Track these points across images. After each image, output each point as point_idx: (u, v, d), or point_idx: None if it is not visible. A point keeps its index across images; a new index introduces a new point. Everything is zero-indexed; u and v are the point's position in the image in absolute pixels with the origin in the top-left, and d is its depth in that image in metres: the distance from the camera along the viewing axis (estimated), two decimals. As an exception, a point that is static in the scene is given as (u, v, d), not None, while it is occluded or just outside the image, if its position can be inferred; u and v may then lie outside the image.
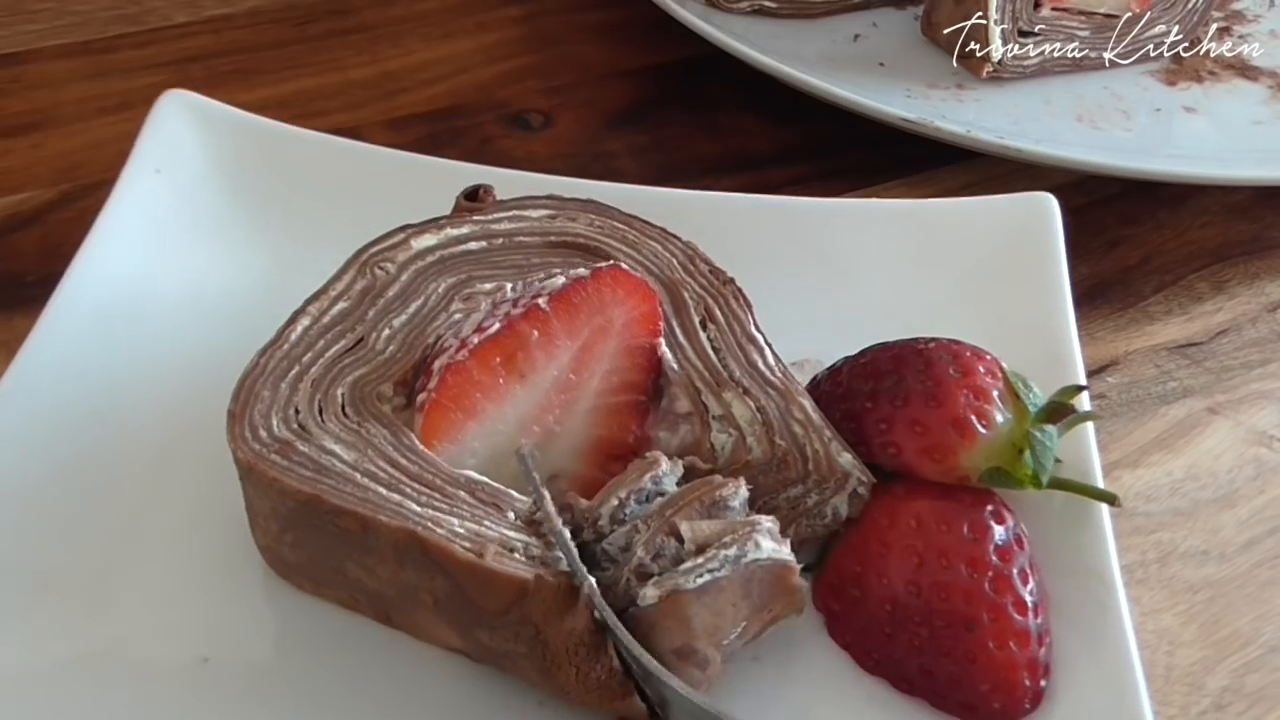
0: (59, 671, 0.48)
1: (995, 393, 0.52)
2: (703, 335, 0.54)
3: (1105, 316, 0.73)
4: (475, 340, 0.49)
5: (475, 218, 0.56)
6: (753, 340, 0.54)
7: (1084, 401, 0.55)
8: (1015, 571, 0.49)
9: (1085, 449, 0.55)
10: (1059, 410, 0.52)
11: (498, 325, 0.50)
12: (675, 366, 0.53)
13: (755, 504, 0.50)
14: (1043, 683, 0.49)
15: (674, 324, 0.54)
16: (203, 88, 0.85)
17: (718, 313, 0.54)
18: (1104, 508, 0.53)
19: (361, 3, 0.94)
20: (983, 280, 0.60)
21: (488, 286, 0.53)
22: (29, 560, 0.51)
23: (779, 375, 0.53)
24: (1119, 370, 0.70)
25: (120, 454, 0.55)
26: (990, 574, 0.48)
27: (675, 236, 0.57)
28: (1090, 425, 0.55)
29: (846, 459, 0.51)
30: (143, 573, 0.51)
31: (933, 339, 0.54)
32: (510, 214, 0.56)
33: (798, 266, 0.61)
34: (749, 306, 0.55)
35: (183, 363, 0.58)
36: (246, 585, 0.52)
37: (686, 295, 0.54)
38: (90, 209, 0.64)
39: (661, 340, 0.52)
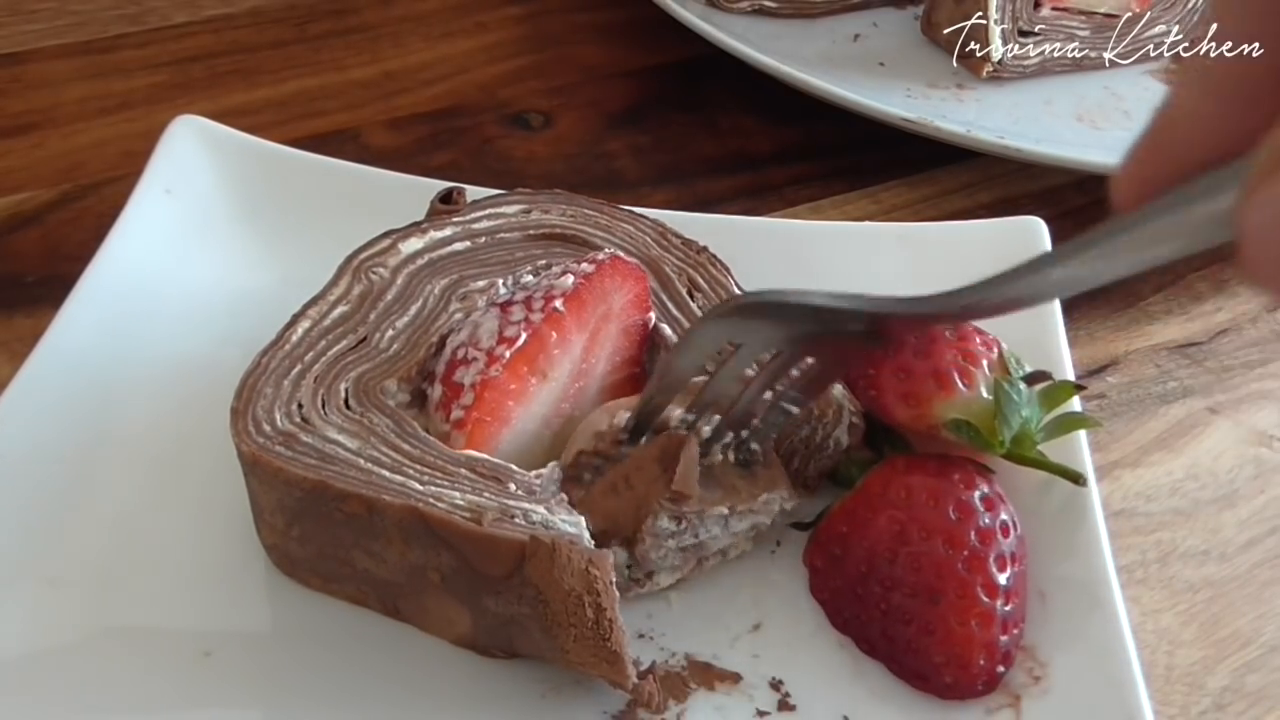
0: (63, 664, 0.49)
1: (985, 361, 0.54)
2: (692, 304, 0.57)
3: (1105, 316, 0.74)
4: (505, 354, 0.51)
5: (454, 219, 0.58)
6: None
7: (1076, 405, 0.57)
8: (992, 556, 0.49)
9: (1077, 448, 0.56)
10: (1037, 376, 0.54)
11: (524, 337, 0.51)
12: (674, 338, 0.55)
13: (778, 448, 0.54)
14: (1000, 669, 0.49)
15: (663, 298, 0.57)
16: (203, 88, 0.85)
17: (700, 280, 0.58)
18: (1098, 509, 0.54)
19: (362, 2, 0.94)
20: None
21: (480, 284, 0.55)
22: (37, 555, 0.52)
23: None
24: (1119, 370, 0.70)
25: (126, 455, 0.56)
26: (965, 553, 0.49)
27: (643, 216, 0.60)
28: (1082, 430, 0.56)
29: (838, 390, 0.55)
30: (146, 569, 0.52)
31: None
32: (486, 212, 0.59)
33: (796, 286, 0.61)
34: (727, 270, 0.58)
35: (188, 367, 0.59)
36: (247, 581, 0.52)
37: (668, 269, 0.58)
38: (90, 209, 0.64)
39: (653, 315, 0.55)
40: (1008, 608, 0.49)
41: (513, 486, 0.48)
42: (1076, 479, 0.54)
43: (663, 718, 0.49)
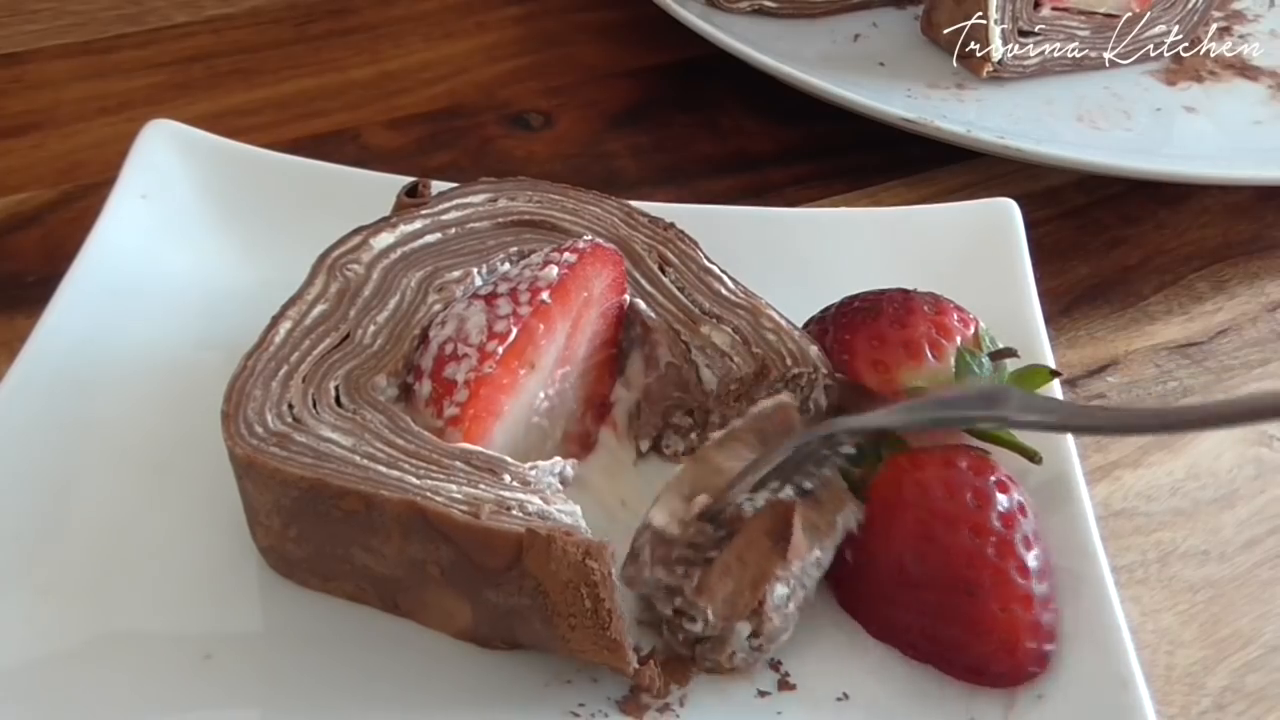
0: (62, 671, 0.49)
1: (959, 337, 0.55)
2: (665, 280, 0.58)
3: (1105, 316, 0.73)
4: (498, 350, 0.51)
5: (422, 212, 0.58)
6: (709, 272, 0.59)
7: (1055, 389, 0.57)
8: (1018, 538, 0.49)
9: (1063, 441, 0.56)
10: (1003, 353, 0.56)
11: (515, 332, 0.51)
12: (652, 315, 0.57)
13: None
14: (1047, 646, 0.49)
15: (637, 276, 0.58)
16: (203, 88, 0.85)
17: (671, 256, 0.59)
18: (1088, 507, 0.54)
19: (362, 3, 0.94)
20: (952, 282, 0.61)
21: (456, 274, 0.56)
22: (29, 565, 0.51)
23: (742, 296, 0.58)
24: (1119, 370, 0.70)
25: (113, 464, 0.56)
26: (993, 539, 0.49)
27: (607, 197, 0.61)
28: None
29: (814, 351, 0.56)
30: (140, 576, 0.52)
31: (926, 291, 0.58)
32: (454, 203, 0.59)
33: (771, 273, 0.62)
34: (695, 244, 0.59)
35: (172, 373, 0.59)
36: (244, 583, 0.52)
37: (638, 248, 0.59)
38: (91, 209, 0.64)
39: (627, 297, 0.56)
40: (1042, 586, 0.49)
41: (508, 478, 0.49)
42: (1032, 456, 0.54)
43: (665, 701, 0.49)
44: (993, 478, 0.51)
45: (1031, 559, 0.49)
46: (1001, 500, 0.50)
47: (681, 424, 0.57)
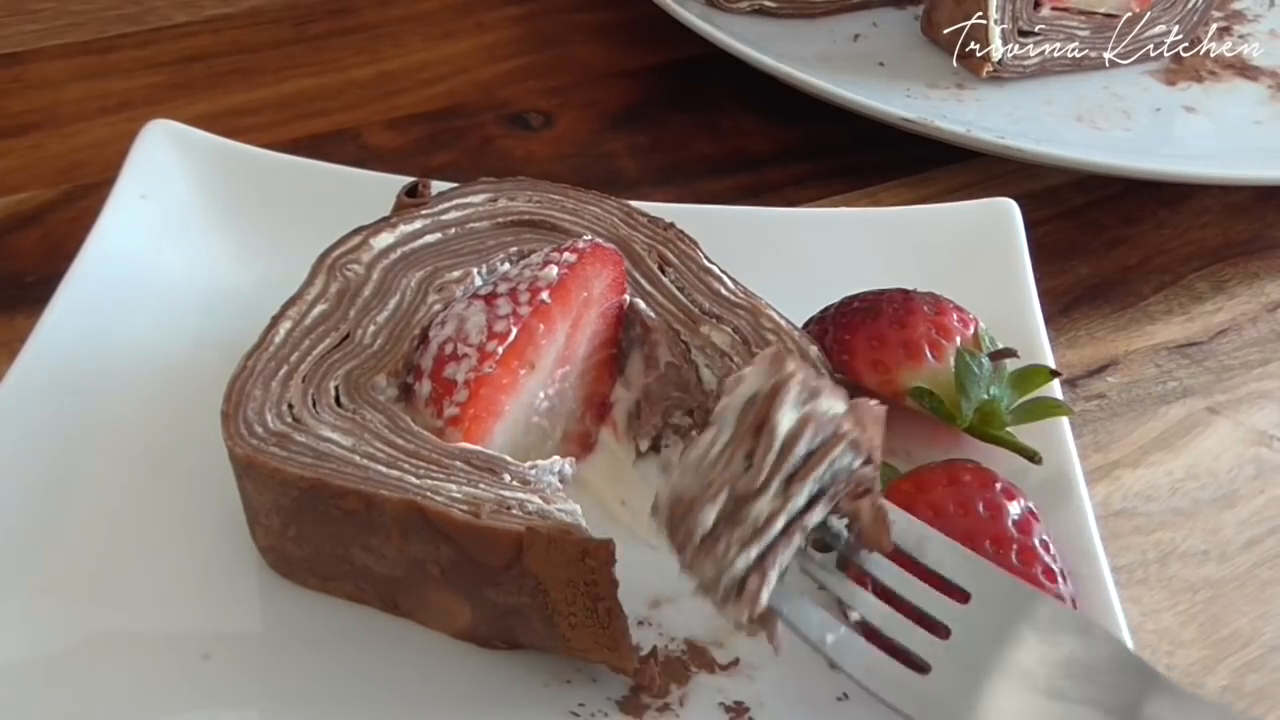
0: (61, 671, 0.49)
1: (959, 337, 0.56)
2: (665, 280, 0.58)
3: (1105, 316, 0.73)
4: (498, 350, 0.51)
5: (422, 212, 0.58)
6: (709, 271, 0.58)
7: (1055, 389, 0.57)
8: (1037, 542, 0.49)
9: (1060, 438, 0.56)
10: (1003, 353, 0.56)
11: (515, 332, 0.51)
12: (652, 315, 0.57)
13: None
14: None
15: (636, 276, 0.58)
16: (203, 88, 0.85)
17: (670, 255, 0.59)
18: (1088, 507, 0.54)
19: (361, 2, 0.94)
20: (952, 282, 0.61)
21: (456, 274, 0.56)
22: (28, 566, 0.51)
23: (742, 296, 0.58)
24: (1119, 370, 0.70)
25: (111, 464, 0.55)
26: (1014, 547, 0.49)
27: (607, 197, 0.61)
28: (1066, 421, 0.57)
29: (814, 350, 0.56)
30: (139, 576, 0.52)
31: (926, 291, 0.58)
32: (453, 203, 0.59)
33: (771, 273, 0.61)
34: (695, 244, 0.59)
35: (171, 373, 0.59)
36: (243, 583, 0.52)
37: (637, 248, 0.59)
38: (90, 209, 0.64)
39: (628, 297, 0.56)
40: (1068, 587, 0.49)
41: (507, 477, 0.49)
42: (1031, 456, 0.54)
43: (665, 701, 0.49)
44: (998, 486, 0.50)
45: (1053, 561, 0.49)
46: (1012, 508, 0.50)
47: (681, 424, 0.57)
